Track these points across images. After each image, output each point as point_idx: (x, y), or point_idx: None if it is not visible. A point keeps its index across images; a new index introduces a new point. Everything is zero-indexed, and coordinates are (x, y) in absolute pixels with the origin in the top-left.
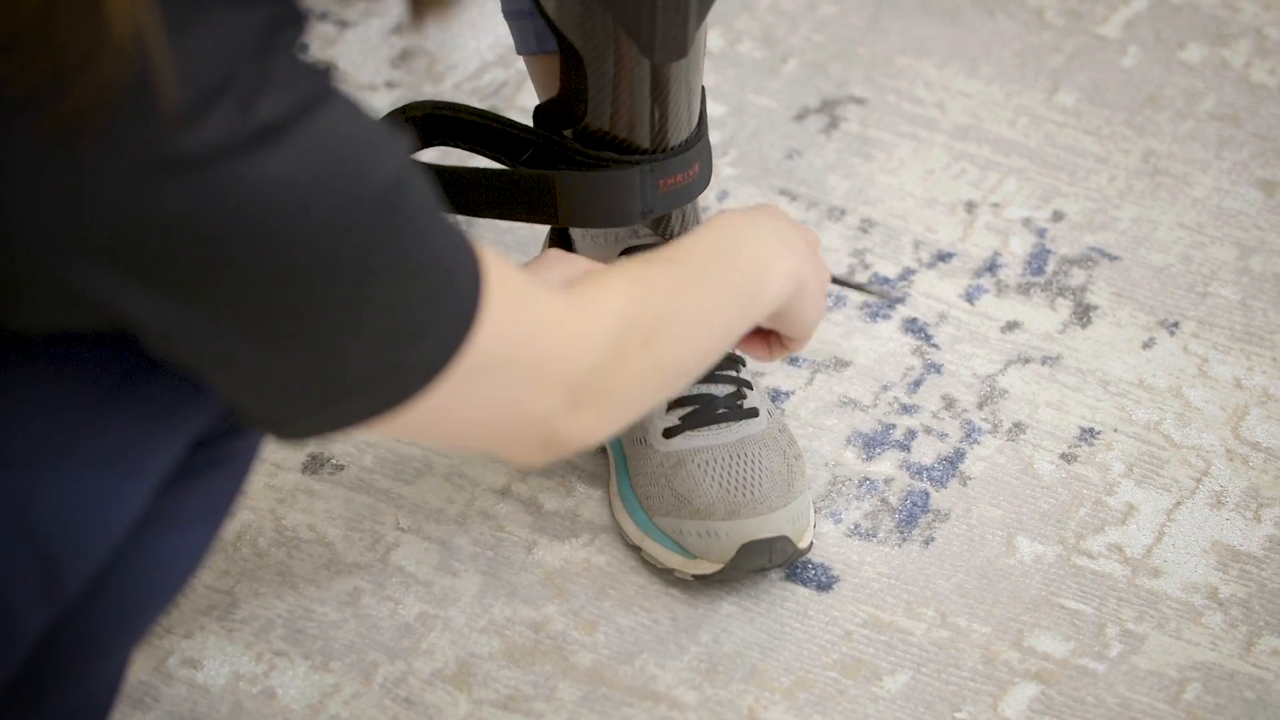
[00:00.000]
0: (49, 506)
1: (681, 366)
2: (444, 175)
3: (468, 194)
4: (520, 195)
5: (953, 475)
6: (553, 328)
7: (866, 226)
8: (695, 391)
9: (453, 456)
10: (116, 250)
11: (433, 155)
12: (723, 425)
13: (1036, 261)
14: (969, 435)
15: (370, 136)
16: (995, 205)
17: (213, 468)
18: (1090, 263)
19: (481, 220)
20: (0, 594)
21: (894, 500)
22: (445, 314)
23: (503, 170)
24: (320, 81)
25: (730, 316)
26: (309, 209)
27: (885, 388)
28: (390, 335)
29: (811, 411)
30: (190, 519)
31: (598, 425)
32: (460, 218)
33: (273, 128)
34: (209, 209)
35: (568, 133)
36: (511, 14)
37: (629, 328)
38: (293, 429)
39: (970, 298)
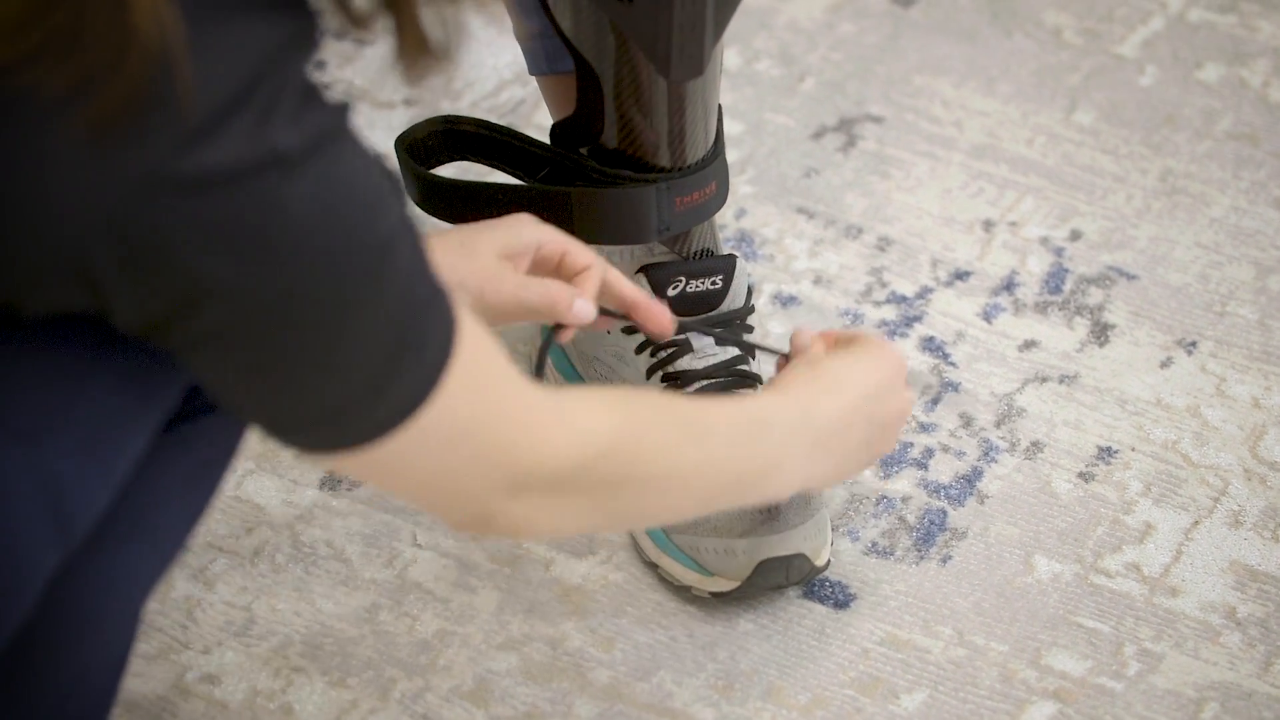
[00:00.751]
0: (55, 456)
1: (643, 516)
2: (461, 190)
3: (484, 208)
4: (536, 211)
5: (970, 494)
6: (515, 420)
7: (884, 245)
8: None
9: None
10: (125, 248)
11: (451, 170)
12: None
13: (1054, 280)
14: (986, 454)
15: (378, 184)
16: (1013, 224)
17: (211, 411)
18: (1108, 282)
19: None
20: (17, 536)
21: (911, 518)
22: (408, 376)
23: (519, 185)
24: (337, 119)
25: (714, 496)
26: (316, 240)
27: None
28: (357, 381)
29: None
30: (189, 465)
31: (532, 524)
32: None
33: (289, 156)
34: (219, 225)
35: (584, 150)
36: (523, 36)
37: (600, 458)
38: (270, 436)
39: (988, 316)
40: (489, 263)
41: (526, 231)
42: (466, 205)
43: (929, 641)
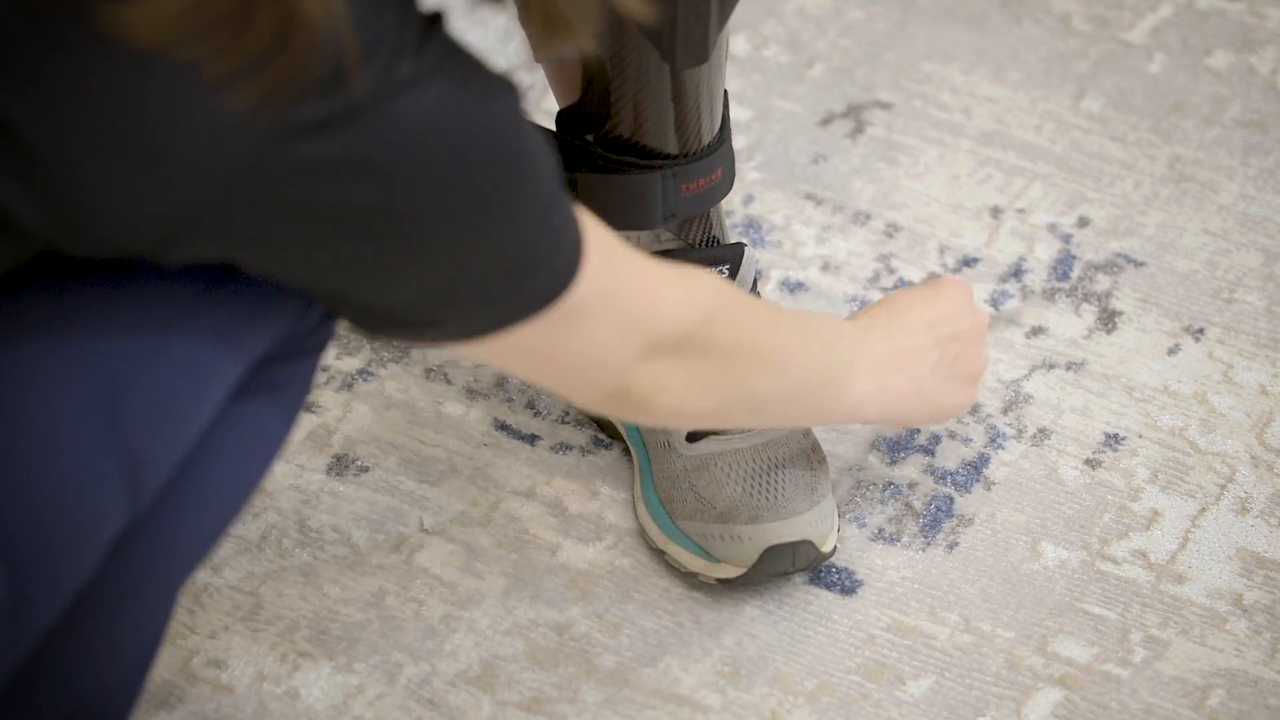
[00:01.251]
0: (133, 412)
1: (753, 396)
2: None
3: None
4: None
5: (977, 480)
6: (648, 282)
7: (892, 231)
8: None
9: (477, 458)
10: (273, 197)
11: None
12: (746, 429)
13: (1062, 267)
14: (993, 440)
15: (493, 80)
16: (1021, 211)
17: (269, 390)
18: (1116, 268)
19: None
20: (93, 492)
21: (918, 505)
22: (559, 250)
23: None
24: (443, 35)
25: (809, 383)
26: (457, 139)
27: None
28: (511, 260)
29: None
30: (246, 441)
31: (665, 389)
32: None
33: (412, 80)
34: (360, 147)
35: (589, 138)
36: (527, 21)
37: (719, 313)
38: (399, 334)
39: (995, 303)
40: None
41: None
42: None
43: (935, 628)
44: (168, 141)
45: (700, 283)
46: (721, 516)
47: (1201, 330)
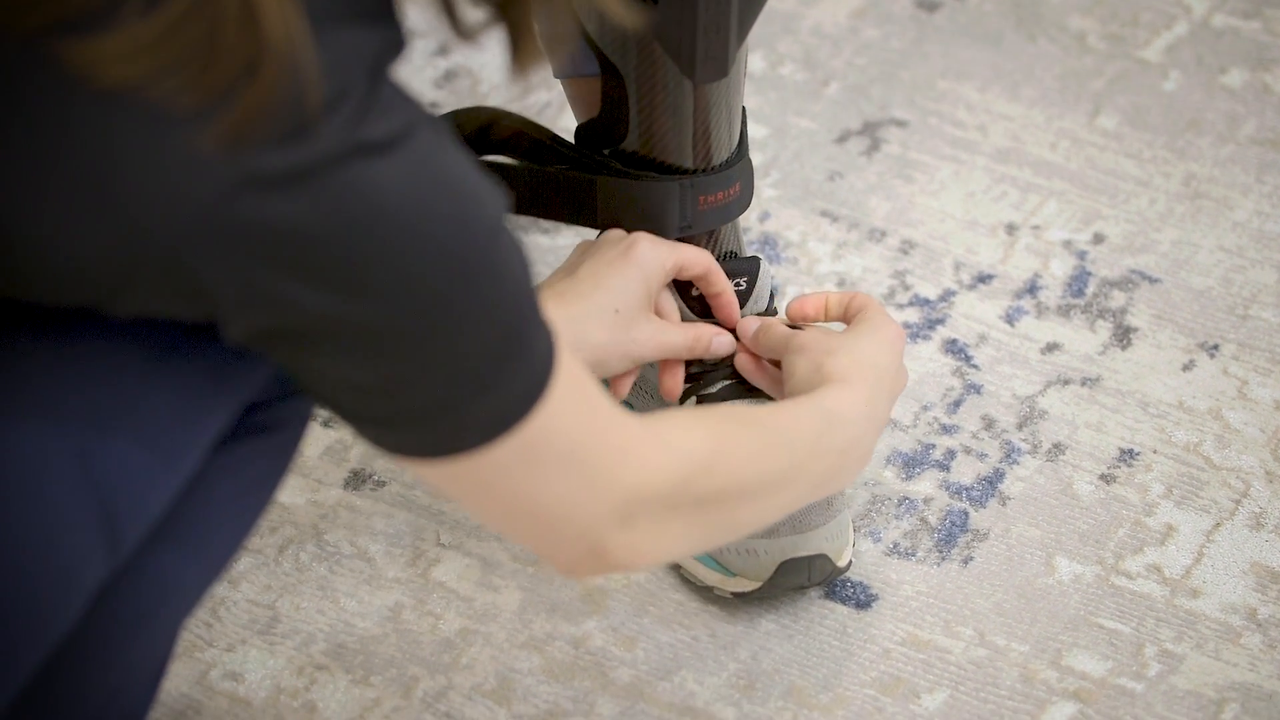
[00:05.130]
0: (109, 463)
1: (736, 529)
2: (489, 169)
3: (513, 190)
4: (563, 195)
5: (992, 495)
6: (617, 440)
7: (907, 248)
8: None
9: None
10: (223, 246)
11: None
12: None
13: (1077, 284)
14: (1008, 455)
15: (474, 175)
16: (1036, 227)
17: (264, 432)
18: (1131, 285)
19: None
20: (65, 542)
21: (933, 519)
22: (518, 375)
23: (547, 169)
24: (421, 112)
25: (797, 498)
26: (415, 223)
27: (925, 408)
28: (462, 376)
29: None
30: (241, 483)
31: (644, 551)
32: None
33: (379, 144)
34: (312, 215)
35: (606, 152)
36: (553, 39)
37: (698, 474)
38: (361, 434)
39: (1010, 319)
40: (622, 315)
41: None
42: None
43: (950, 642)
44: (125, 184)
45: (694, 436)
46: None
47: (1216, 346)
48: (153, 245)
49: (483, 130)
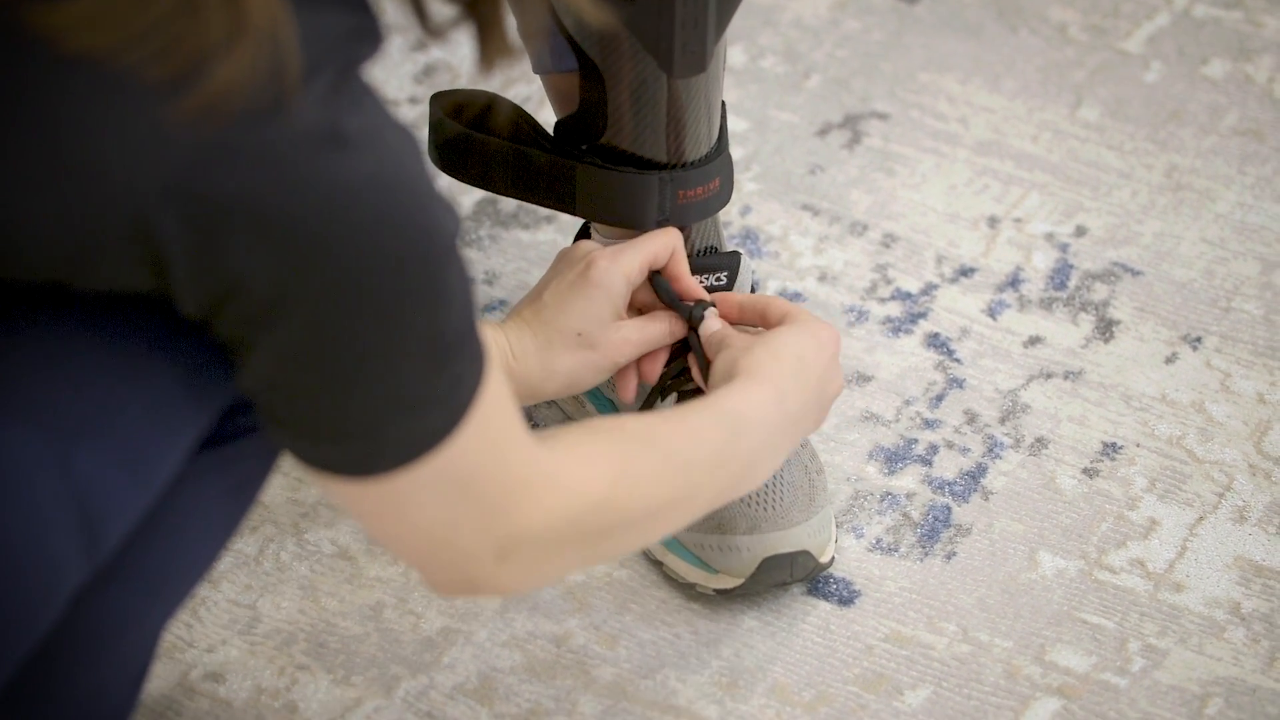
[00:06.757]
0: (89, 465)
1: (624, 552)
2: (473, 145)
3: (494, 168)
4: (542, 178)
5: (975, 490)
6: (516, 477)
7: (889, 241)
8: None
9: None
10: (186, 217)
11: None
12: None
13: (1059, 276)
14: (991, 450)
15: (434, 192)
16: (1018, 220)
17: (245, 435)
18: (1113, 278)
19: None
20: (44, 544)
21: (916, 515)
22: (441, 401)
23: (530, 150)
24: (391, 118)
25: (694, 513)
26: (373, 226)
27: (907, 402)
28: (390, 391)
29: (833, 426)
30: (225, 484)
31: (519, 582)
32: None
33: (350, 137)
34: (277, 195)
35: (584, 147)
36: (526, 34)
37: (589, 512)
38: (283, 443)
39: (993, 313)
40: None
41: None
42: (476, 163)
43: (933, 638)
44: (88, 152)
45: (591, 473)
46: (719, 527)
47: (1199, 339)
48: (115, 212)
49: (483, 112)
